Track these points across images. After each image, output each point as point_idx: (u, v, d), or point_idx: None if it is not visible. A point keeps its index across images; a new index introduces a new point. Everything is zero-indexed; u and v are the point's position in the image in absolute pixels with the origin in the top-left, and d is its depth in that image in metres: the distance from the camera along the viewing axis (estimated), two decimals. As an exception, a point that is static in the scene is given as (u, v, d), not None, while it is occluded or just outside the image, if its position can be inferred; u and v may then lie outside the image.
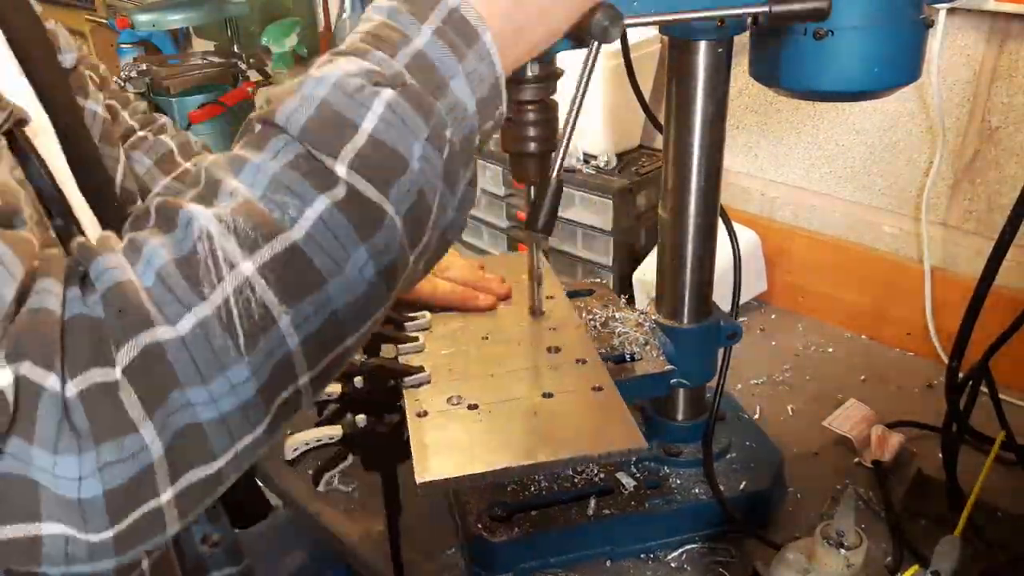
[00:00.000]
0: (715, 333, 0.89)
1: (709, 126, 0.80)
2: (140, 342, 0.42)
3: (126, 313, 0.42)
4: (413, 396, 0.75)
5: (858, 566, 0.67)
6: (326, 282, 0.45)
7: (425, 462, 0.66)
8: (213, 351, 0.43)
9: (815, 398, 1.12)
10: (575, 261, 1.36)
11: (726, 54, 0.78)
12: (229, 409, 0.44)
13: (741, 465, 0.92)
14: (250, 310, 0.43)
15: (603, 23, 0.61)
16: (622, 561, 0.87)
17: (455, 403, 0.74)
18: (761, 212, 1.38)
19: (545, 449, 0.67)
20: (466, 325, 0.88)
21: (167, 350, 0.42)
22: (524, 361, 0.80)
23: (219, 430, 0.44)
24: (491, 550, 0.84)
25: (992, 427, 0.91)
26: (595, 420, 0.72)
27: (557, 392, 0.74)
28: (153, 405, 0.42)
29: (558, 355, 0.81)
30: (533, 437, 0.69)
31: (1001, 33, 1.06)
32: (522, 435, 0.69)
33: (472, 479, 0.66)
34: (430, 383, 0.77)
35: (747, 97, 1.33)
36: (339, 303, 0.46)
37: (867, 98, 0.77)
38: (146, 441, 0.42)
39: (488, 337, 0.85)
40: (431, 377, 0.78)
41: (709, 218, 0.85)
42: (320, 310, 0.46)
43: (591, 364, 0.79)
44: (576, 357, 0.80)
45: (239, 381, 0.43)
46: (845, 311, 1.28)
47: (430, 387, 0.77)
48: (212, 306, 0.43)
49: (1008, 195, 1.11)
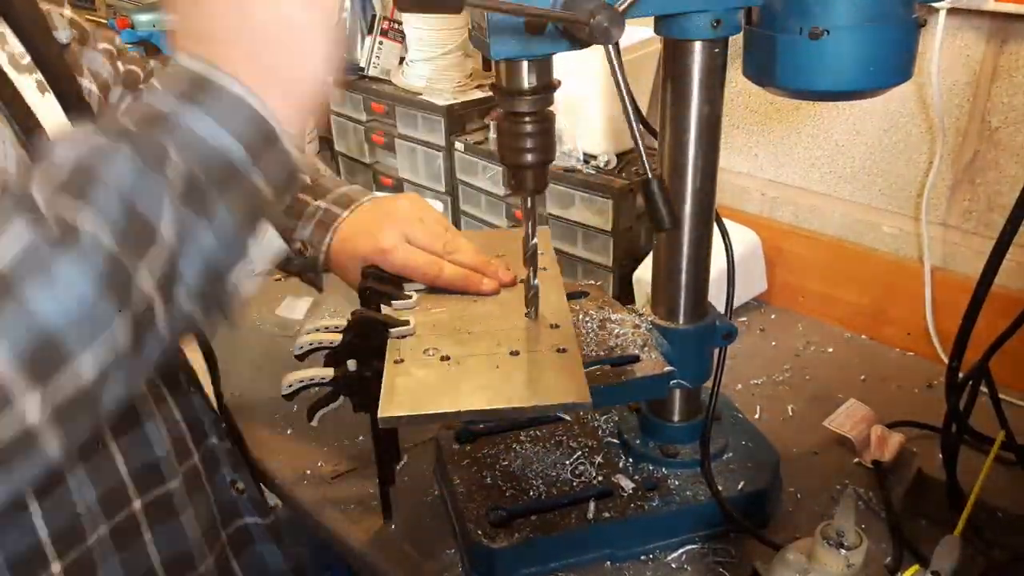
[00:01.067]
0: (711, 333, 0.89)
1: (705, 127, 0.80)
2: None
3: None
4: (395, 346, 0.81)
5: (858, 566, 0.67)
6: (28, 302, 0.47)
7: (389, 400, 0.72)
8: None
9: (815, 398, 1.12)
10: (575, 261, 1.36)
11: (722, 55, 0.78)
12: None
13: (739, 465, 0.92)
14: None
15: (603, 24, 0.61)
16: (622, 563, 0.87)
17: (430, 354, 0.79)
18: (761, 212, 1.38)
19: (497, 398, 0.72)
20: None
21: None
22: (502, 323, 0.85)
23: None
24: (491, 557, 0.84)
25: (992, 427, 0.91)
26: (550, 377, 0.76)
27: (523, 351, 0.79)
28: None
29: (536, 318, 0.85)
30: (490, 388, 0.74)
31: (1001, 33, 1.06)
32: (481, 385, 0.74)
33: (426, 418, 0.73)
34: (414, 335, 0.82)
35: (747, 97, 1.33)
36: (50, 320, 0.47)
37: (860, 97, 0.77)
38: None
39: (476, 300, 0.90)
40: (415, 330, 0.83)
41: (705, 219, 0.85)
42: (29, 326, 0.47)
43: (562, 328, 0.83)
44: (551, 323, 0.84)
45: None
46: (845, 311, 1.28)
47: (413, 339, 0.82)
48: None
49: (1008, 195, 1.11)
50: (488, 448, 0.96)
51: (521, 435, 0.98)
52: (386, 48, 1.68)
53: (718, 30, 0.74)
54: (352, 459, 1.03)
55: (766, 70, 0.75)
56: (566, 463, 0.93)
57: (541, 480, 0.91)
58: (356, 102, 1.69)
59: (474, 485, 0.90)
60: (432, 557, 0.89)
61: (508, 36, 0.67)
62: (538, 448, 0.96)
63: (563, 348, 0.79)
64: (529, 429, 0.99)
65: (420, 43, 1.55)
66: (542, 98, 0.71)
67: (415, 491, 0.98)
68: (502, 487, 0.90)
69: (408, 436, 1.05)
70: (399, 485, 0.94)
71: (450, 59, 1.54)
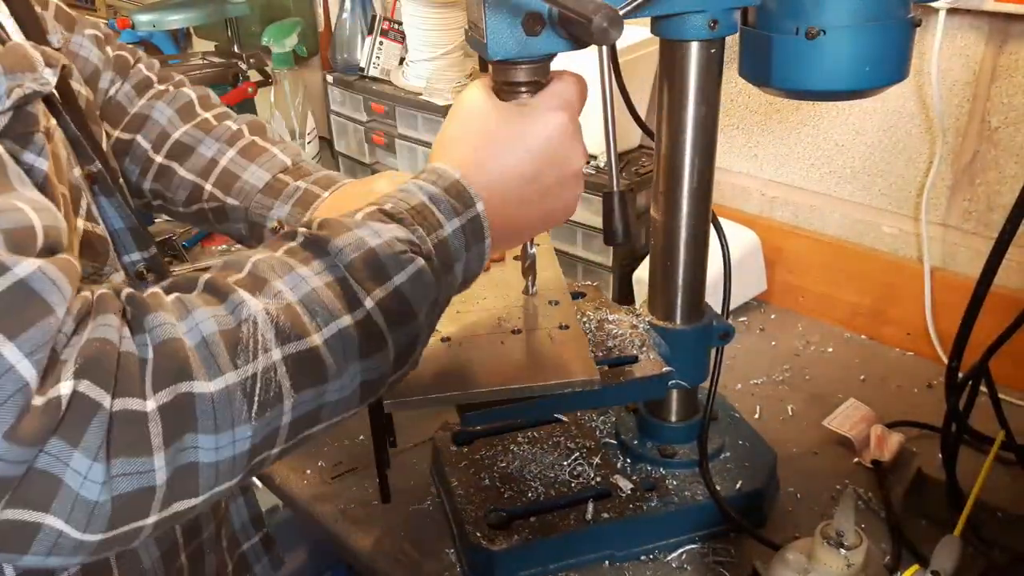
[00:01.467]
0: (708, 334, 0.89)
1: (701, 128, 0.80)
2: (178, 388, 0.49)
3: (172, 362, 0.50)
4: None
5: (858, 566, 0.67)
6: (327, 380, 0.55)
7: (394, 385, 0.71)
8: (231, 410, 0.51)
9: (815, 398, 1.12)
10: (575, 261, 1.36)
11: (718, 55, 0.78)
12: (224, 458, 0.52)
13: (736, 465, 0.92)
14: (269, 387, 0.52)
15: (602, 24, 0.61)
16: (622, 563, 0.87)
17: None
18: (761, 212, 1.37)
19: (505, 379, 0.72)
20: None
21: (197, 400, 0.50)
22: (500, 301, 0.85)
23: (210, 473, 0.51)
24: (490, 559, 0.84)
25: (992, 427, 0.91)
26: (555, 355, 0.76)
27: (525, 329, 0.79)
28: (170, 439, 0.49)
29: (533, 296, 0.85)
30: (496, 368, 0.74)
31: (1001, 33, 1.05)
32: (485, 366, 0.74)
33: (432, 402, 0.72)
34: None
35: (747, 97, 1.33)
36: (329, 398, 0.56)
37: (856, 97, 0.77)
38: (155, 466, 0.49)
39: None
40: None
41: (701, 220, 0.85)
42: (315, 399, 0.55)
43: (562, 305, 0.83)
44: (549, 299, 0.84)
45: (241, 438, 0.52)
46: (845, 311, 1.28)
47: None
48: (242, 376, 0.52)
49: (1008, 195, 1.11)
50: (486, 450, 0.96)
51: (519, 436, 0.98)
52: (386, 48, 1.68)
53: (715, 30, 0.74)
54: (352, 459, 1.04)
55: (762, 70, 0.75)
56: (564, 464, 0.93)
57: (539, 481, 0.91)
58: (356, 102, 1.69)
59: (472, 487, 0.90)
60: (432, 557, 0.89)
61: (506, 36, 0.67)
62: (536, 449, 0.96)
63: (565, 325, 0.79)
64: (527, 430, 0.99)
65: (420, 43, 1.55)
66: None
67: (415, 491, 0.98)
68: (500, 489, 0.90)
69: (406, 437, 1.05)
70: (399, 486, 0.94)
71: (450, 59, 1.55)
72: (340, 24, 1.74)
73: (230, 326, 0.52)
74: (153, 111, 0.93)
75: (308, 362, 0.54)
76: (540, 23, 0.66)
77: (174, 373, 0.50)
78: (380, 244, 0.58)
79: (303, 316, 0.55)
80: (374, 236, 0.59)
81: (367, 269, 0.58)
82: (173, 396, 0.49)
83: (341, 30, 1.74)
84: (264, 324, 0.53)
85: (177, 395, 0.49)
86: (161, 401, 0.49)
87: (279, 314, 0.54)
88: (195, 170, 0.91)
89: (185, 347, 0.51)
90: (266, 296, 0.55)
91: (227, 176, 0.89)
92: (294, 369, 0.54)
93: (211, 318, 0.52)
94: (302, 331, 0.54)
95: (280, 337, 0.53)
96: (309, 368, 0.54)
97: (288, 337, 0.54)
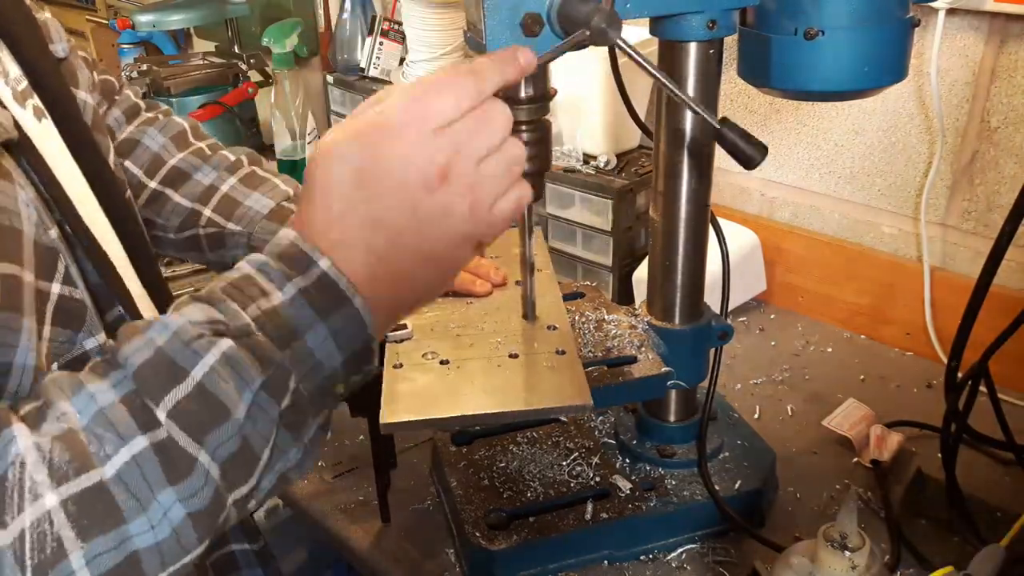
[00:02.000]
0: (707, 334, 0.89)
1: (699, 128, 0.80)
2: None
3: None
4: (393, 350, 0.81)
5: (862, 567, 0.67)
6: (125, 523, 0.46)
7: (391, 406, 0.72)
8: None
9: (814, 398, 1.12)
10: (575, 261, 1.36)
11: (717, 56, 0.78)
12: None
13: (735, 464, 0.92)
14: (44, 544, 0.44)
15: (601, 26, 0.61)
16: (621, 563, 0.87)
17: (429, 358, 0.79)
18: (760, 212, 1.37)
19: (499, 402, 0.72)
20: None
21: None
22: (499, 325, 0.85)
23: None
24: (490, 559, 0.84)
25: (991, 427, 0.91)
26: (551, 379, 0.76)
27: (523, 353, 0.79)
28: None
29: (533, 321, 0.85)
30: (491, 391, 0.74)
31: (1000, 33, 1.06)
32: (482, 389, 0.74)
33: (428, 423, 0.72)
34: (412, 339, 0.82)
35: (747, 97, 1.33)
36: (142, 542, 0.46)
37: (855, 97, 0.77)
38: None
39: (472, 302, 0.90)
40: (413, 334, 0.83)
41: (700, 220, 0.85)
42: (117, 545, 0.46)
43: (560, 331, 0.83)
44: (548, 324, 0.84)
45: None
46: (844, 311, 1.28)
47: (411, 343, 0.82)
48: (10, 536, 0.43)
49: (1007, 195, 1.11)
50: (485, 450, 0.96)
51: (518, 436, 0.98)
52: (386, 49, 1.69)
53: (713, 31, 0.74)
54: (352, 459, 1.04)
55: (761, 71, 0.75)
56: (563, 464, 0.93)
57: (538, 481, 0.91)
58: (356, 102, 1.68)
59: (471, 487, 0.91)
60: (432, 557, 0.89)
61: (505, 37, 0.67)
62: (535, 449, 0.96)
63: (562, 350, 0.79)
64: (526, 430, 0.99)
65: (420, 44, 1.55)
66: (538, 107, 0.70)
67: (414, 492, 0.98)
68: (499, 489, 0.90)
69: (406, 437, 1.05)
70: (399, 485, 0.94)
71: (450, 59, 1.55)
72: (340, 24, 1.75)
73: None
74: (144, 137, 0.92)
75: (94, 502, 0.45)
76: (539, 24, 0.66)
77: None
78: (168, 339, 0.49)
79: (89, 445, 0.46)
80: (162, 332, 0.50)
81: (156, 375, 0.48)
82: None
83: (341, 30, 1.74)
84: (34, 464, 0.44)
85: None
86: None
87: (54, 447, 0.45)
88: (192, 196, 0.90)
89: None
90: (49, 422, 0.46)
91: (228, 202, 0.89)
92: (77, 515, 0.45)
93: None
94: (84, 464, 0.45)
95: (55, 477, 0.45)
96: (96, 510, 0.45)
97: (64, 476, 0.45)
